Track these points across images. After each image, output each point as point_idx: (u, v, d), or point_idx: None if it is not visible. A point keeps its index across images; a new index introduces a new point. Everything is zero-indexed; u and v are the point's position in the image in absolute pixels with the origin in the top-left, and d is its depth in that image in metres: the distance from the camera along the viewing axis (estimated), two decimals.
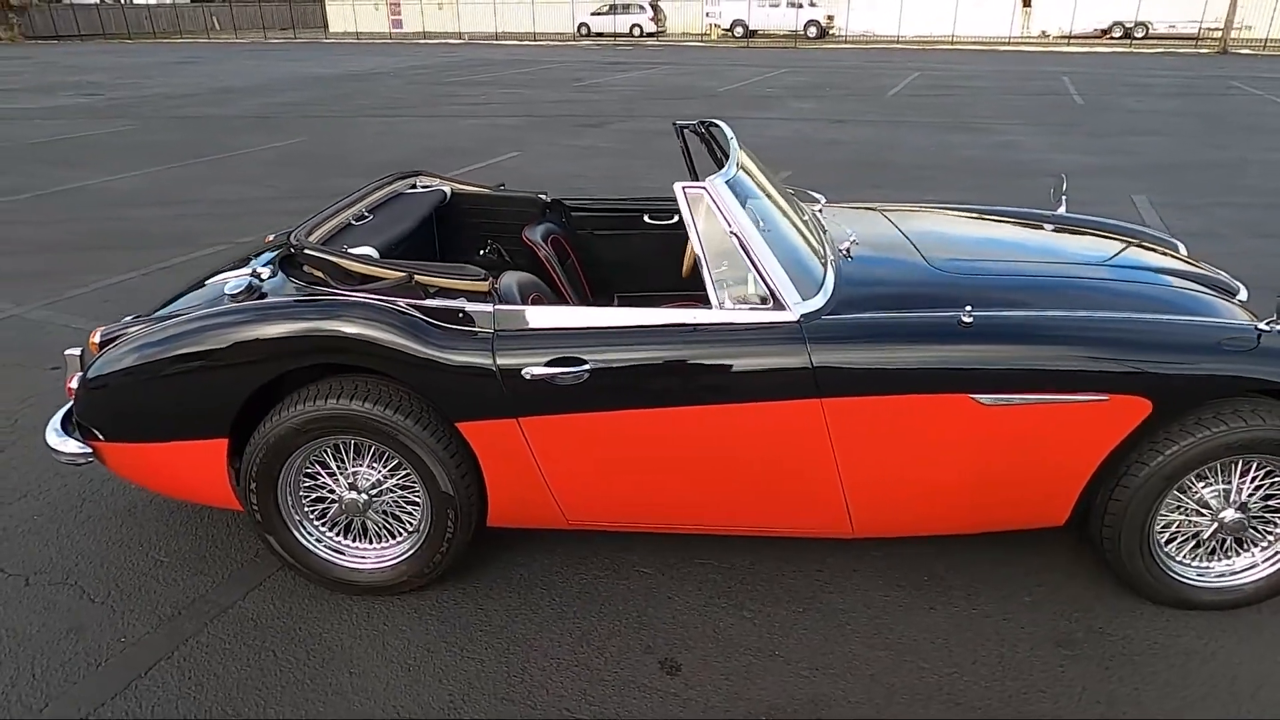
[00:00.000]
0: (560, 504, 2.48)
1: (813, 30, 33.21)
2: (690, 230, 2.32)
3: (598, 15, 36.62)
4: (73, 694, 2.24)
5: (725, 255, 2.33)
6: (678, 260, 3.12)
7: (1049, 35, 33.34)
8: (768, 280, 2.28)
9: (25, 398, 3.88)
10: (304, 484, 2.53)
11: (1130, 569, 2.46)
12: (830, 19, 33.75)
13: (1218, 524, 2.42)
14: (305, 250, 2.47)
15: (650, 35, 35.74)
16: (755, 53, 27.93)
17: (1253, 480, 2.39)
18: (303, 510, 2.55)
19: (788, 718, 2.16)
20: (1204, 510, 2.42)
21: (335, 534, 2.59)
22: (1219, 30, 27.80)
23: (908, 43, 32.62)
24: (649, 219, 3.52)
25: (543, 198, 3.50)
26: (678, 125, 3.31)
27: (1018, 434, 2.30)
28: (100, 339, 2.55)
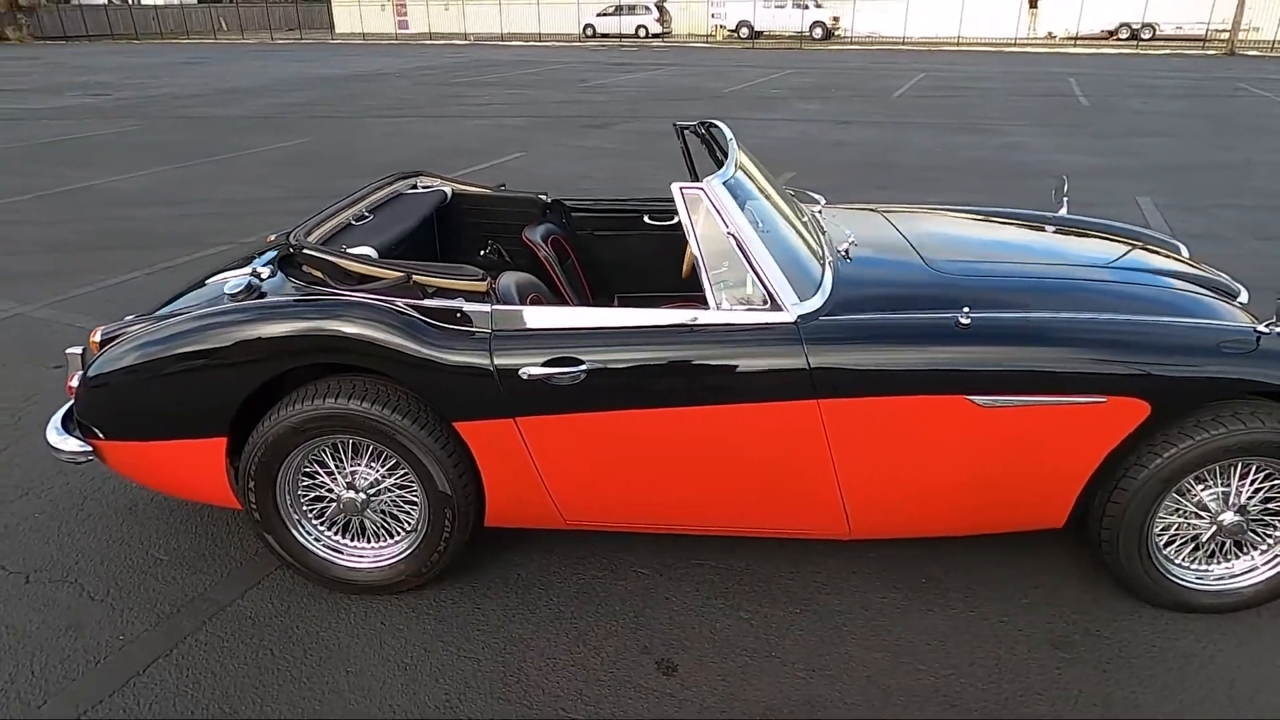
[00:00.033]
0: (557, 504, 2.48)
1: (818, 31, 33.17)
2: (687, 231, 2.32)
3: (603, 16, 36.63)
4: (71, 691, 2.25)
5: (722, 256, 2.33)
6: (678, 261, 3.12)
7: (1055, 36, 33.25)
8: (764, 281, 2.29)
9: (29, 396, 3.90)
10: (302, 483, 2.54)
11: (1129, 571, 2.45)
12: (836, 20, 33.72)
13: (1216, 527, 2.41)
14: (304, 250, 2.48)
15: (655, 36, 35.74)
16: (760, 54, 27.92)
17: (1252, 483, 2.38)
18: (301, 509, 2.56)
19: (783, 718, 2.16)
20: (1203, 513, 2.42)
21: (333, 533, 2.60)
22: (1226, 31, 27.70)
23: (913, 44, 32.57)
24: (649, 220, 3.53)
25: (543, 198, 3.51)
26: (678, 126, 3.31)
27: (1015, 436, 2.30)
28: (101, 338, 2.56)
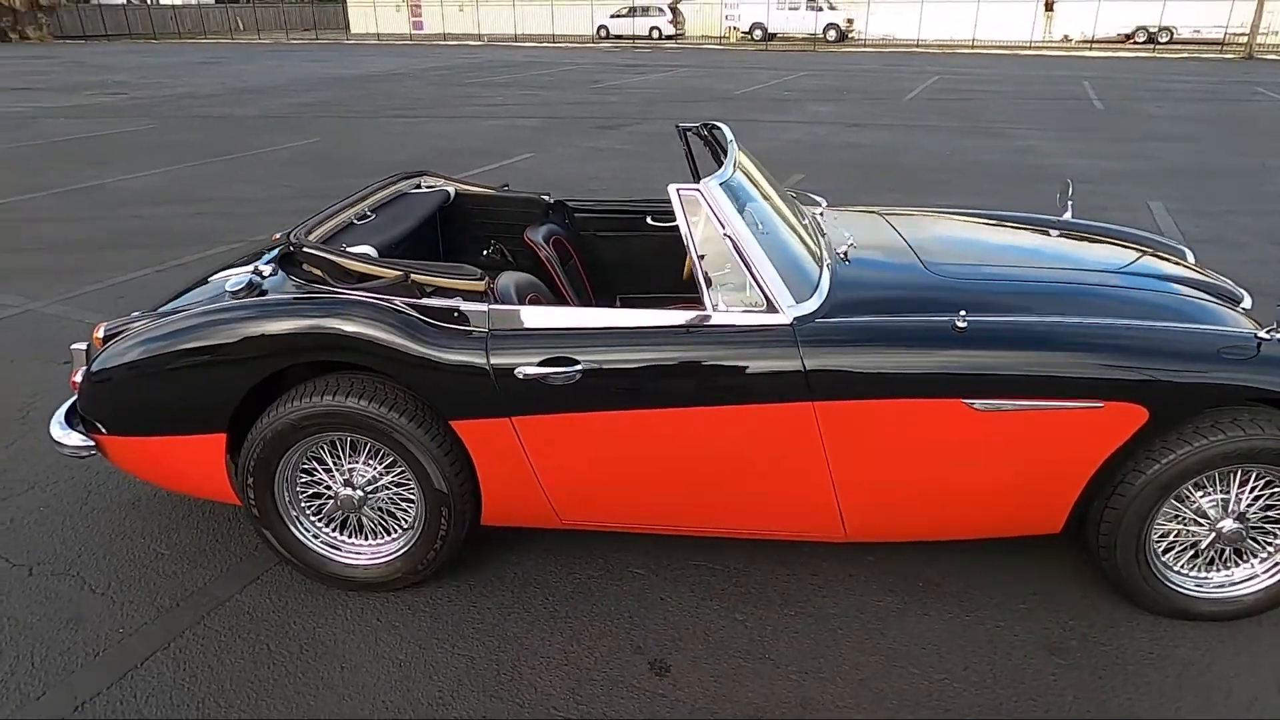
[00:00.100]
0: (553, 503, 2.49)
1: (832, 33, 33.09)
2: (684, 232, 2.32)
3: (617, 18, 36.68)
4: (70, 683, 2.28)
5: (719, 258, 2.33)
6: (680, 262, 3.13)
7: (1071, 40, 33.04)
8: (761, 283, 2.29)
9: (37, 391, 3.95)
10: (301, 479, 2.55)
11: (1126, 578, 2.44)
12: (850, 22, 33.62)
13: (1215, 534, 2.39)
14: (304, 248, 2.50)
15: (669, 38, 35.76)
16: (774, 56, 27.88)
17: (1252, 490, 2.36)
18: (299, 506, 2.58)
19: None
20: (1202, 520, 2.40)
21: (331, 530, 2.62)
22: (1245, 35, 27.45)
23: (928, 46, 32.45)
24: (651, 221, 3.53)
25: (545, 199, 3.52)
26: (680, 127, 3.31)
27: (1011, 440, 2.29)
28: (104, 333, 2.59)
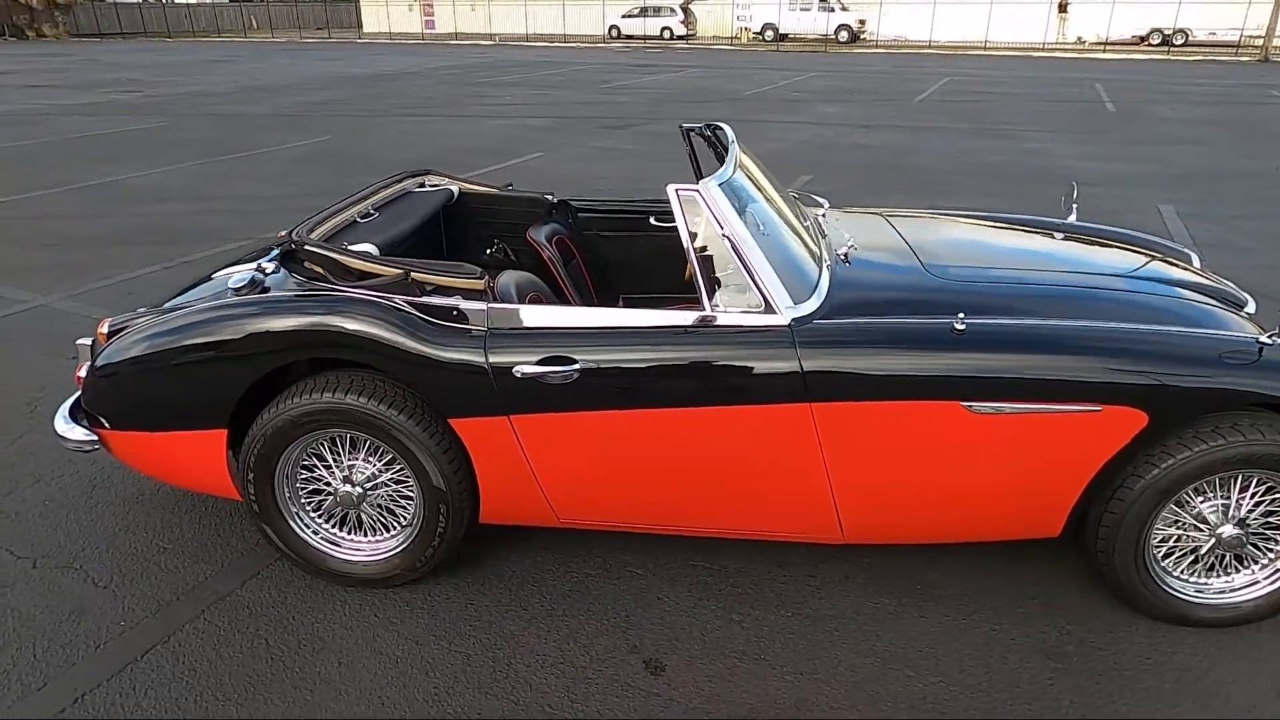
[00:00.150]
0: (550, 502, 2.50)
1: (844, 34, 33.01)
2: (683, 232, 2.33)
3: (628, 18, 36.69)
4: (70, 675, 2.30)
5: (718, 258, 2.33)
6: (682, 262, 3.13)
7: (1085, 42, 32.85)
8: (759, 283, 2.29)
9: (45, 385, 3.98)
10: (301, 476, 2.57)
11: (1125, 582, 2.43)
12: (862, 23, 33.53)
13: (1215, 540, 2.38)
14: (305, 246, 2.51)
15: (680, 38, 35.74)
16: (785, 56, 27.84)
17: (1252, 496, 2.35)
18: (299, 501, 2.60)
19: None
20: (1202, 525, 2.39)
21: (331, 526, 2.63)
22: (1261, 38, 27.23)
23: (940, 48, 32.32)
24: (655, 221, 3.53)
25: (549, 198, 3.53)
26: (684, 128, 3.32)
27: (1009, 443, 2.28)
28: (108, 329, 2.61)
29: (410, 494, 2.54)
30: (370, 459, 2.53)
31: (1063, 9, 33.21)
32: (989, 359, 2.24)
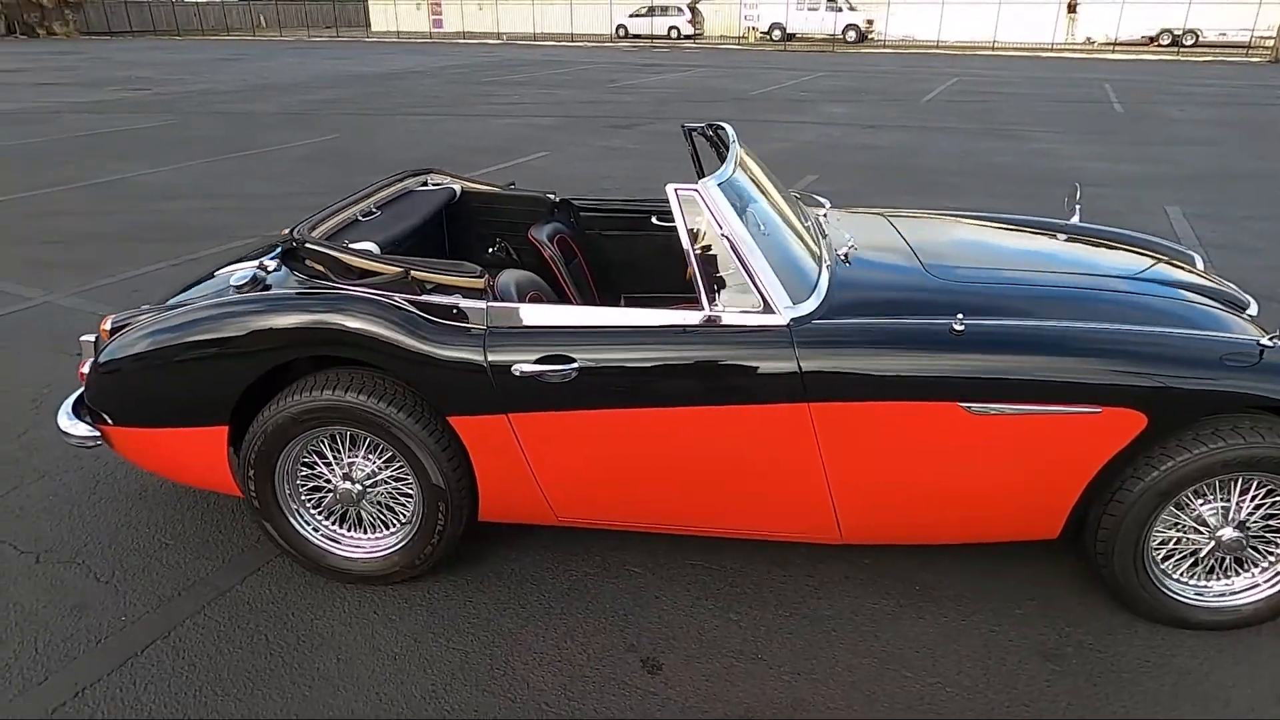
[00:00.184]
0: (549, 500, 2.50)
1: (852, 34, 32.95)
2: (682, 232, 2.33)
3: (636, 17, 36.69)
4: (71, 669, 2.31)
5: (717, 258, 2.33)
6: (685, 262, 3.13)
7: (1094, 42, 32.71)
8: (757, 283, 2.29)
9: (50, 382, 4.01)
10: (301, 473, 2.58)
11: (1124, 584, 2.42)
12: (870, 23, 33.47)
13: (1215, 542, 2.37)
14: (306, 244, 2.52)
15: (688, 37, 35.74)
16: (792, 56, 27.80)
17: (1253, 499, 2.34)
18: (299, 498, 2.61)
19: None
20: (1201, 528, 2.38)
21: (331, 523, 2.65)
22: (1272, 39, 27.07)
23: (948, 48, 32.23)
24: (657, 220, 3.53)
25: (551, 197, 3.53)
26: (686, 127, 3.32)
27: (1008, 444, 2.28)
28: (111, 326, 2.63)
29: (410, 491, 2.55)
30: (370, 456, 2.54)
31: (1072, 9, 33.07)
32: (988, 360, 2.23)
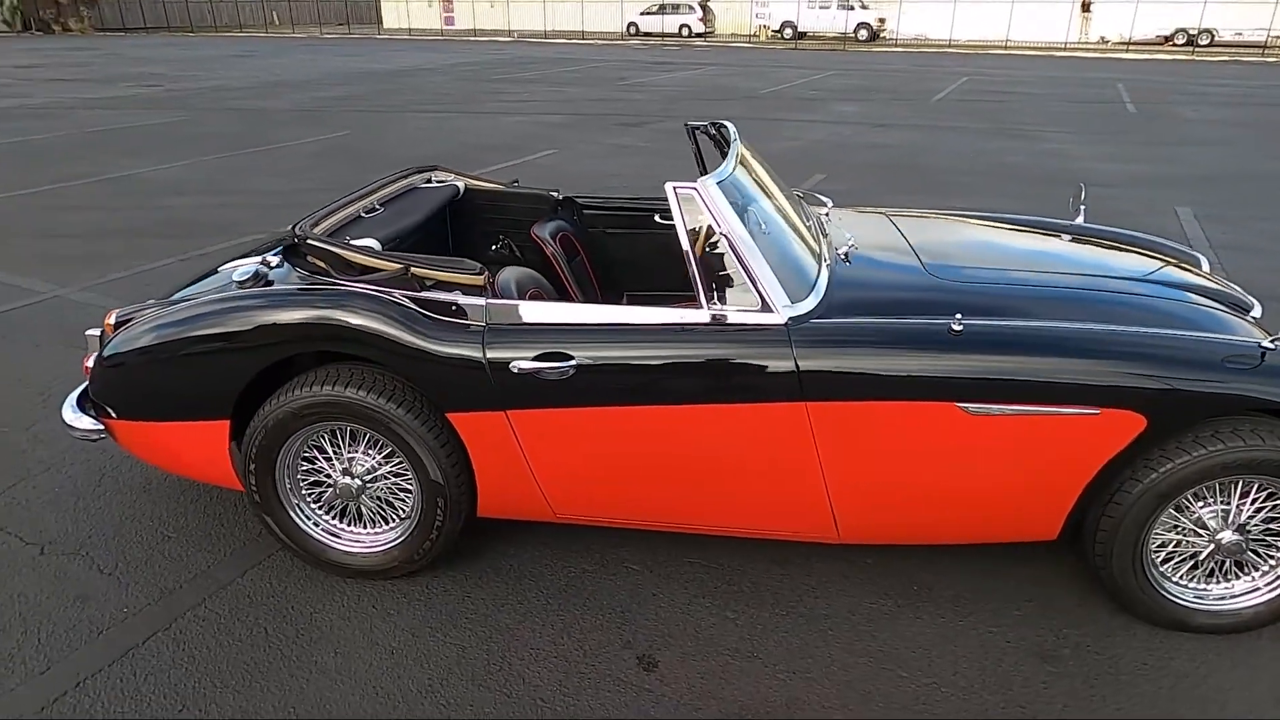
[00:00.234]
0: (547, 497, 2.51)
1: (863, 33, 32.85)
2: (680, 230, 2.33)
3: (647, 15, 36.68)
4: (73, 659, 2.34)
5: (715, 256, 2.33)
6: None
7: (1108, 41, 32.49)
8: (755, 282, 2.29)
9: (58, 375, 4.05)
10: (302, 467, 2.60)
11: (1123, 586, 2.41)
12: (881, 22, 33.35)
13: (1215, 545, 2.36)
14: (307, 240, 2.54)
15: (699, 35, 35.69)
16: (803, 55, 27.72)
17: (1253, 502, 2.33)
18: (300, 493, 2.63)
19: (759, 719, 2.17)
20: (1201, 531, 2.37)
21: (331, 517, 2.66)
22: None
23: (960, 47, 32.07)
24: (660, 219, 3.54)
25: (554, 195, 3.54)
26: (689, 125, 3.32)
27: (1006, 445, 2.27)
28: (115, 320, 2.65)
29: (409, 487, 2.57)
30: (370, 452, 2.56)
31: (1086, 8, 32.86)
32: (986, 360, 2.23)
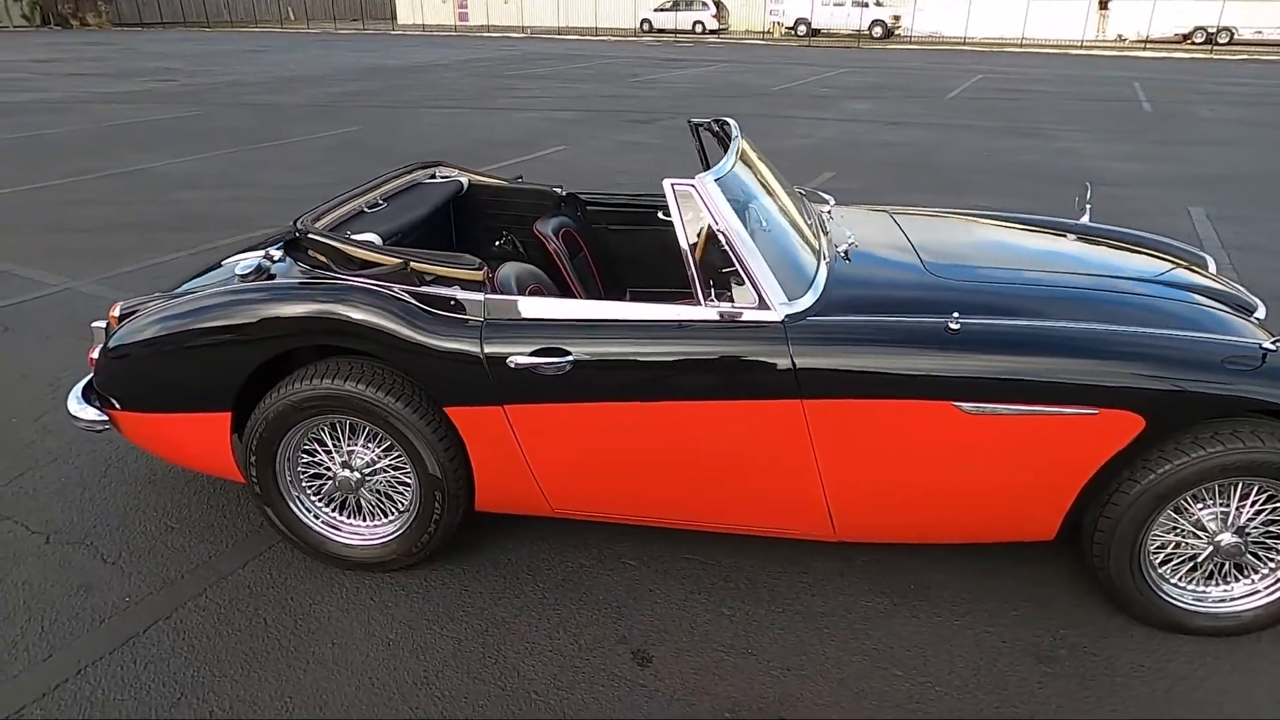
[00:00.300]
0: (544, 491, 2.52)
1: (878, 30, 32.68)
2: (677, 227, 2.33)
3: (660, 11, 36.60)
4: (75, 647, 2.37)
5: (714, 253, 2.34)
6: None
7: (1125, 39, 32.19)
8: (753, 279, 2.29)
9: (68, 367, 4.09)
10: (302, 460, 2.62)
11: (1120, 588, 2.40)
12: (896, 19, 33.15)
13: (1214, 547, 2.34)
14: (309, 235, 2.56)
15: (712, 32, 35.60)
16: (817, 52, 27.61)
17: (1253, 504, 2.31)
18: (300, 485, 2.65)
19: (752, 716, 2.17)
20: (1200, 532, 2.35)
21: (331, 510, 2.68)
22: None
23: (975, 44, 31.86)
24: (663, 215, 3.54)
25: (557, 191, 3.54)
26: (692, 122, 3.32)
27: (1003, 445, 2.26)
28: (120, 312, 2.68)
29: (407, 480, 2.58)
30: (369, 445, 2.58)
31: (1103, 5, 32.56)
32: (983, 359, 2.22)
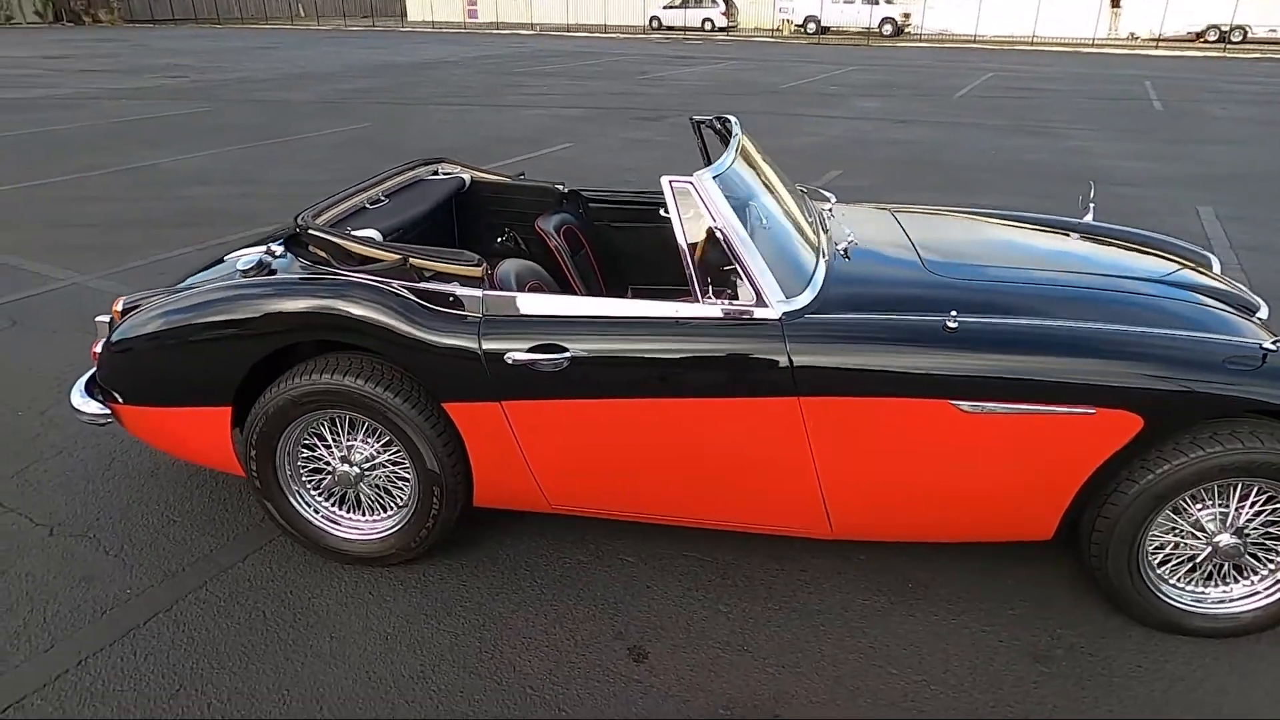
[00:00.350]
0: (541, 487, 2.53)
1: (888, 28, 32.54)
2: (675, 224, 2.33)
3: (669, 8, 36.52)
4: (76, 638, 2.39)
5: (712, 250, 2.34)
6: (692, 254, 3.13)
7: (1137, 38, 31.98)
8: (750, 276, 2.29)
9: (73, 361, 4.12)
10: (302, 454, 2.64)
11: (1118, 588, 2.39)
12: (906, 16, 33.02)
13: (1212, 548, 2.33)
14: (309, 230, 2.57)
15: (721, 30, 35.52)
16: (827, 49, 27.52)
17: (1252, 505, 2.30)
18: (300, 479, 2.66)
19: (746, 713, 2.18)
20: (1199, 533, 2.34)
21: (330, 504, 2.70)
22: None
23: (986, 42, 31.70)
24: (664, 212, 3.54)
25: (559, 188, 3.55)
26: (694, 120, 3.32)
27: (1000, 444, 2.26)
28: (123, 307, 2.70)
29: (406, 475, 2.59)
30: (368, 440, 2.59)
31: (1115, 3, 32.35)
32: (980, 358, 2.21)
